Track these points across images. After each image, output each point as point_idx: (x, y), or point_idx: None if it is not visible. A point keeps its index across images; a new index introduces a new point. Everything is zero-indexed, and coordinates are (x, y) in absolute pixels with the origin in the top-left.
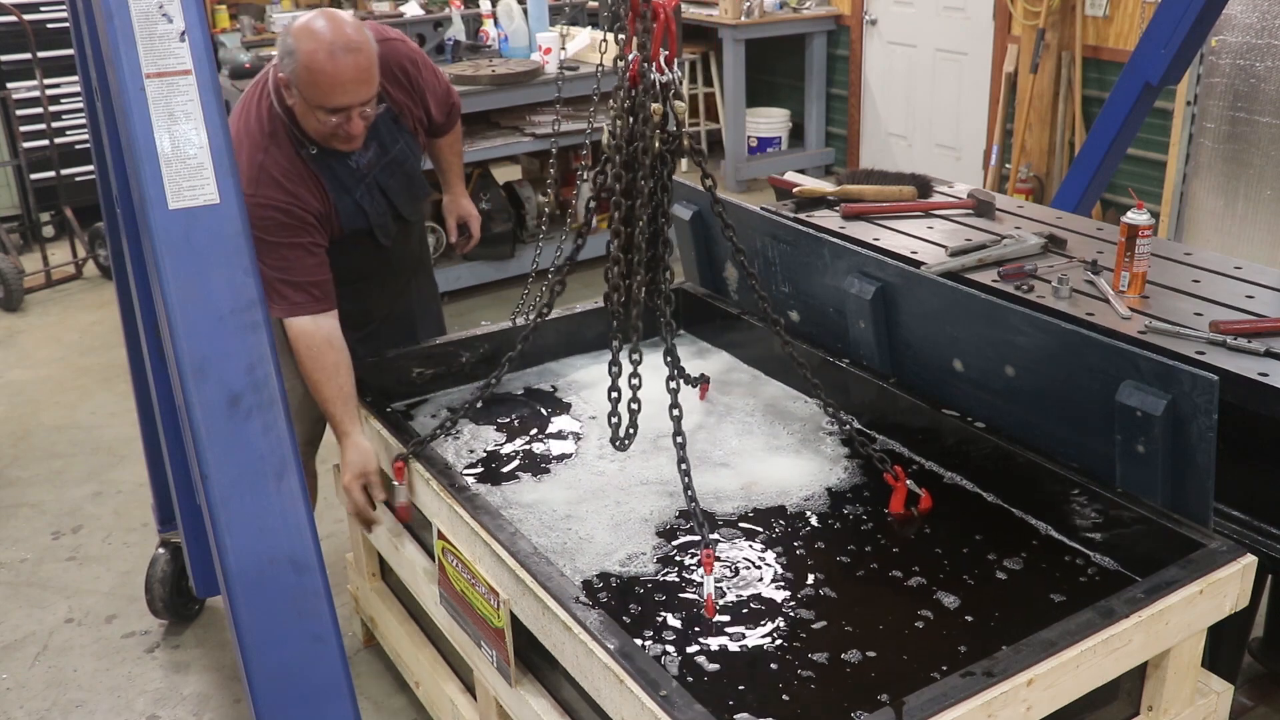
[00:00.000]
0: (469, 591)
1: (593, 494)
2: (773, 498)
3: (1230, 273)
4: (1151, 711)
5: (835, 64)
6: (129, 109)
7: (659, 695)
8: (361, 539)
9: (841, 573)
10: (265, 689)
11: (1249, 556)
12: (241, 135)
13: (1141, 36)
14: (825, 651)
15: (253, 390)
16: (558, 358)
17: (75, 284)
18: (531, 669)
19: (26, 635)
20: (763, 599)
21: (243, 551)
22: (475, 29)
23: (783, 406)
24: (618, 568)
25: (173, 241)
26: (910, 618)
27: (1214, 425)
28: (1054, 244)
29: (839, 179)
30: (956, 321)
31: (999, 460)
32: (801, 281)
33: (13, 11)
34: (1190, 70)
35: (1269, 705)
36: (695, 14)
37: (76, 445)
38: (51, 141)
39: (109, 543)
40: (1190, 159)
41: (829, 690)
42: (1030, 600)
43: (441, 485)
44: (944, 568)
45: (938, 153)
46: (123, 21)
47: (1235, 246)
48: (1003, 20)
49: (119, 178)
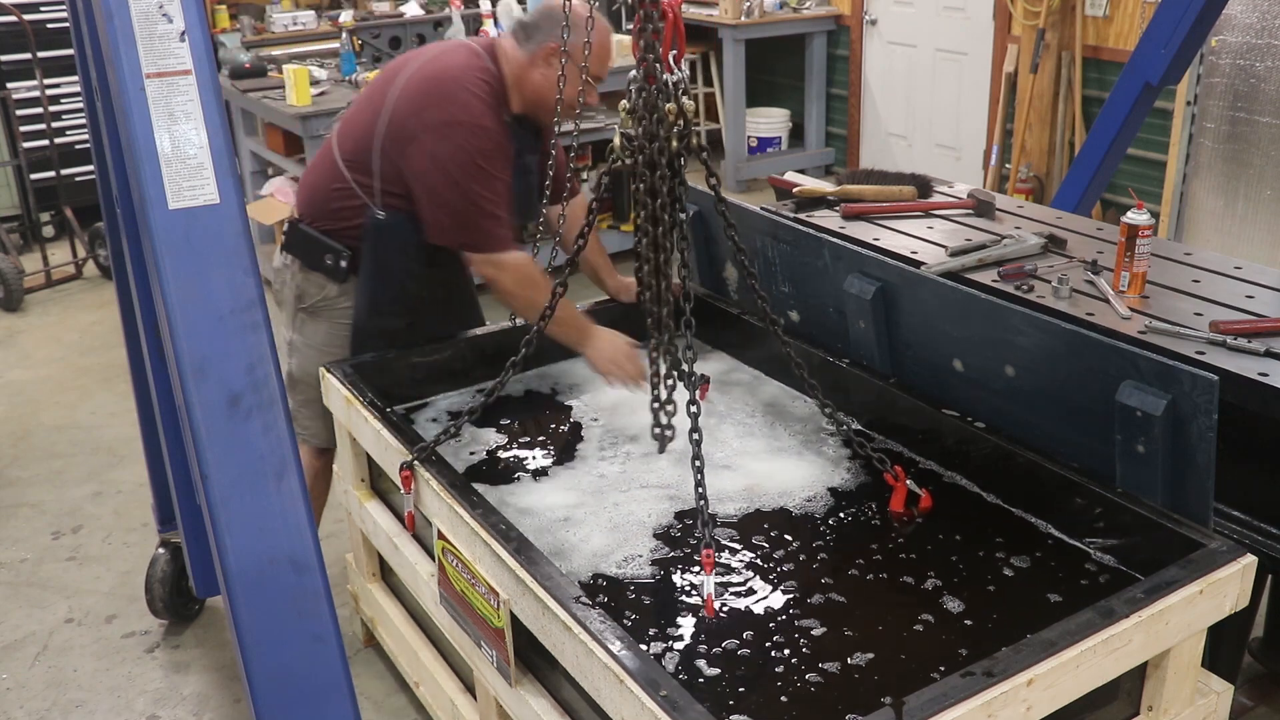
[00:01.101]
0: (469, 591)
1: (592, 496)
2: (775, 499)
3: (1230, 273)
4: (1151, 711)
5: (835, 64)
6: (129, 109)
7: (659, 695)
8: (362, 539)
9: (842, 573)
10: (265, 689)
11: (1249, 556)
12: (459, 74)
13: (1141, 36)
14: (825, 652)
15: (253, 390)
16: (557, 360)
17: (75, 284)
18: (531, 669)
19: (26, 635)
20: (763, 600)
21: (243, 551)
22: (475, 29)
23: (784, 407)
24: (614, 569)
25: (173, 241)
26: (911, 618)
27: (1214, 425)
28: (1054, 244)
29: (839, 179)
30: (956, 321)
31: (999, 460)
32: (801, 281)
33: (13, 11)
34: (1190, 70)
35: (1269, 705)
36: (695, 14)
37: (76, 445)
38: (51, 141)
39: (109, 543)
40: (1190, 159)
41: (828, 691)
42: (1030, 600)
43: (441, 485)
44: (944, 568)
45: (938, 153)
46: (123, 21)
47: (1235, 246)
48: (1003, 20)
49: (119, 178)
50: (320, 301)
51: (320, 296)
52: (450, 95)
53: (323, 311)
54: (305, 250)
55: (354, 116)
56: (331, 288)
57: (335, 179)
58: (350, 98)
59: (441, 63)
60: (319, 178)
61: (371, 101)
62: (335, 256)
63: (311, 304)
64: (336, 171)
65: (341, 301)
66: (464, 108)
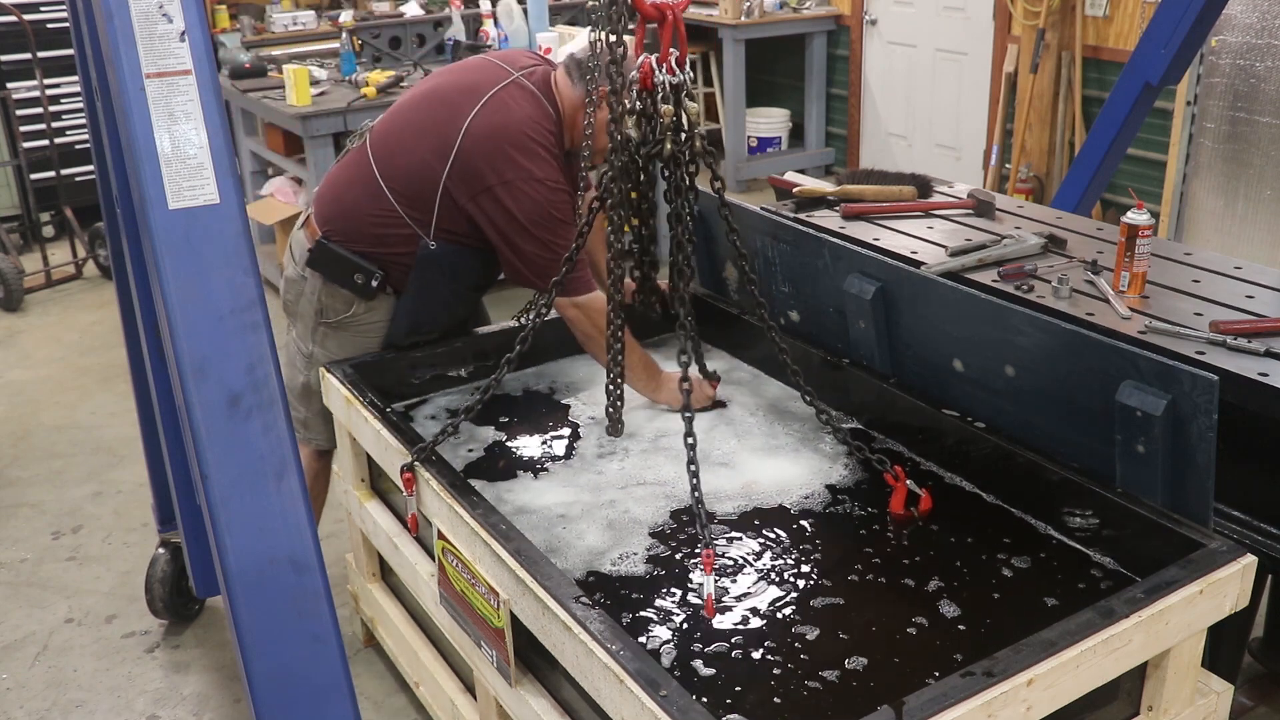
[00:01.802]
0: (469, 591)
1: (589, 494)
2: (773, 497)
3: (1230, 273)
4: (1151, 711)
5: (835, 64)
6: (129, 109)
7: (659, 695)
8: (362, 539)
9: (842, 573)
10: (265, 689)
11: (1249, 556)
12: (531, 129)
13: (1141, 36)
14: (823, 653)
15: (253, 390)
16: (556, 358)
17: (75, 284)
18: (531, 669)
19: (26, 635)
20: (762, 599)
21: (243, 551)
22: (475, 29)
23: (783, 406)
24: (610, 567)
25: (173, 241)
26: (910, 618)
27: (1214, 425)
28: (1054, 244)
29: (839, 179)
30: (956, 321)
31: (999, 460)
32: (801, 281)
33: (13, 11)
34: (1190, 70)
35: (1269, 705)
36: (695, 14)
37: (76, 445)
38: (51, 141)
39: (109, 543)
40: (1190, 159)
41: (826, 691)
42: (1030, 600)
43: (441, 485)
44: (944, 568)
45: (938, 153)
46: (123, 21)
47: (1235, 246)
48: (1003, 20)
49: (119, 178)
50: (347, 318)
51: (348, 313)
52: (523, 148)
53: (348, 326)
54: (333, 268)
55: (399, 140)
56: (359, 305)
57: (380, 205)
58: (350, 98)
59: (511, 113)
60: (357, 199)
61: (425, 134)
62: (366, 276)
63: (337, 320)
64: (382, 199)
65: (368, 317)
66: (539, 163)
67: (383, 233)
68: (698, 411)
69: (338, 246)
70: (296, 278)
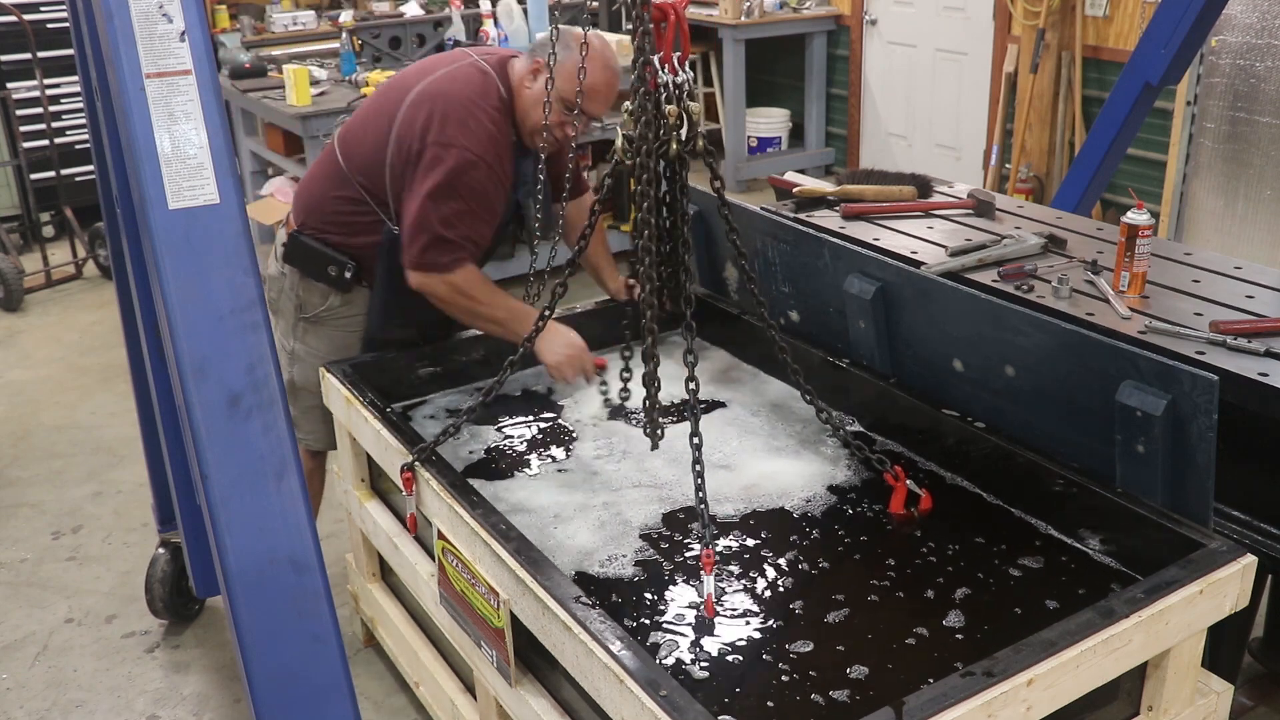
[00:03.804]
0: (469, 591)
1: (585, 495)
2: (773, 498)
3: (1230, 273)
4: (1151, 711)
5: (835, 64)
6: (129, 109)
7: (659, 695)
8: (362, 539)
9: (842, 573)
10: (265, 689)
11: (1249, 556)
12: (469, 98)
13: (1141, 36)
14: (822, 653)
15: (253, 390)
16: None
17: (75, 284)
18: (531, 669)
19: (26, 635)
20: (762, 600)
21: (243, 551)
22: (475, 29)
23: (784, 406)
24: (597, 569)
25: (173, 241)
26: (910, 619)
27: (1214, 425)
28: (1054, 244)
29: (839, 179)
30: (956, 321)
31: (999, 460)
32: (801, 281)
33: (13, 11)
34: (1190, 70)
35: (1269, 705)
36: (695, 14)
37: (76, 445)
38: (51, 141)
39: (109, 543)
40: (1190, 159)
41: (827, 692)
42: (1030, 600)
43: (441, 485)
44: (944, 568)
45: (938, 153)
46: (123, 21)
47: (1235, 246)
48: (1003, 20)
49: (119, 178)
50: (324, 311)
51: (324, 306)
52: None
53: (326, 321)
54: (307, 261)
55: (360, 129)
56: (335, 298)
57: (344, 191)
58: (350, 98)
59: (454, 84)
60: (323, 188)
61: (380, 116)
62: (339, 268)
63: (315, 314)
64: (347, 184)
65: (345, 310)
66: (471, 136)
67: (350, 220)
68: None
69: (310, 239)
70: (276, 274)
